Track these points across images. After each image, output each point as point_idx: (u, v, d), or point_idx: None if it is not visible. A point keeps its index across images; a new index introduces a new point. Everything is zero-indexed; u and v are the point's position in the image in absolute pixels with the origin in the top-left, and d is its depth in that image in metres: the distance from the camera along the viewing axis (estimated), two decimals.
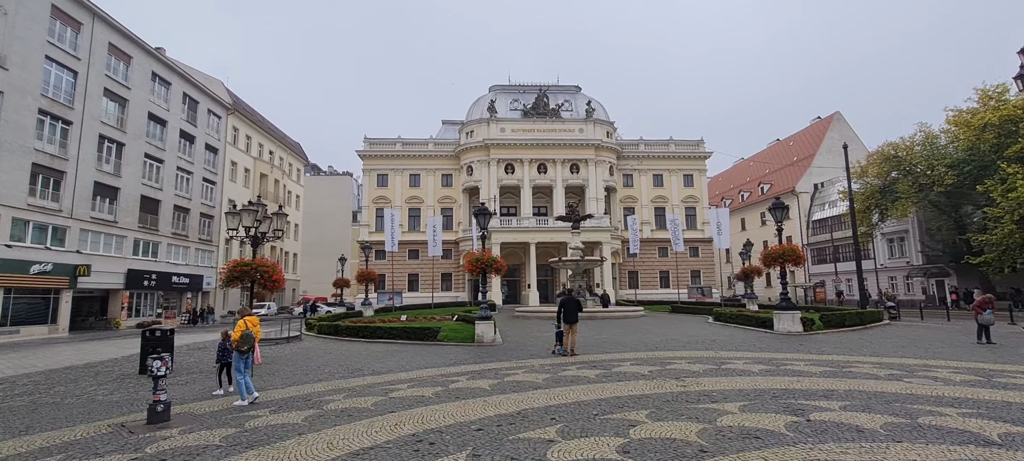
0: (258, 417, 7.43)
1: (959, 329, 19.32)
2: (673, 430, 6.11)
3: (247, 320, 8.88)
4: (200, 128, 39.59)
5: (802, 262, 19.32)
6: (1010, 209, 28.12)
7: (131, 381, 11.21)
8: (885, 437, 5.62)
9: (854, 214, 28.37)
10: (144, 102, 33.95)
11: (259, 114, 51.49)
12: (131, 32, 32.74)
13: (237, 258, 15.21)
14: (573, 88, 53.36)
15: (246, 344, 8.60)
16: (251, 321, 8.93)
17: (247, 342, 8.61)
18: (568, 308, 13.34)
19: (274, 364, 12.99)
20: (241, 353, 8.60)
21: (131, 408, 8.43)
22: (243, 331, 8.65)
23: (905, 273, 43.34)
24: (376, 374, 11.04)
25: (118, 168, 31.56)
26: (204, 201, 39.89)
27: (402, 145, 49.33)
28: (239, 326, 8.75)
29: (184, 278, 36.81)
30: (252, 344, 8.71)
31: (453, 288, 46.76)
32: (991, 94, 32.67)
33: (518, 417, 7.00)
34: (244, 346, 8.59)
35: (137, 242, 32.96)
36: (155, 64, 35.26)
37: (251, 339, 8.68)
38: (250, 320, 8.93)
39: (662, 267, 48.53)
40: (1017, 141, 29.06)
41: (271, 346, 17.09)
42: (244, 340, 8.60)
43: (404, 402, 8.14)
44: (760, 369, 10.37)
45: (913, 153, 37.09)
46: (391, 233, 36.09)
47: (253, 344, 8.75)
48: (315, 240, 62.68)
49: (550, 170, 46.63)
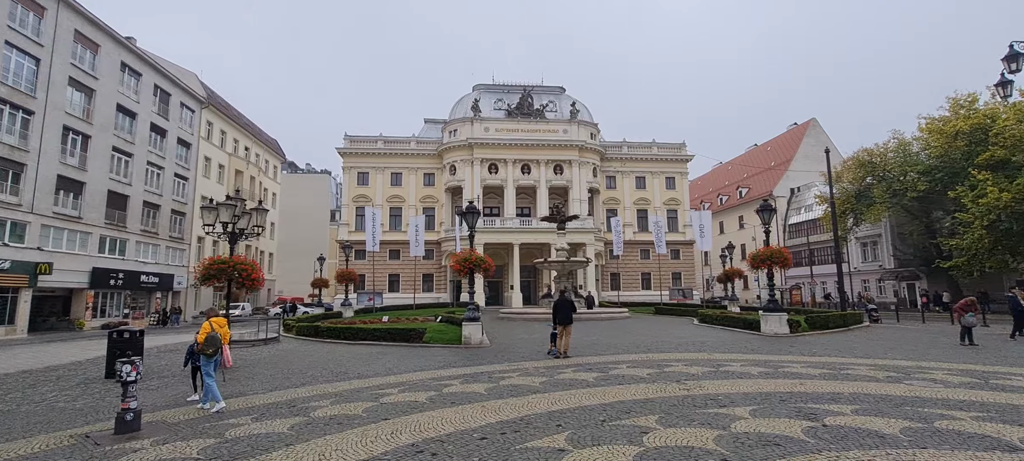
0: (239, 425, 6.86)
1: (938, 331, 19.67)
2: (689, 437, 5.81)
3: (213, 321, 8.29)
4: (172, 121, 38.12)
5: (789, 264, 19.43)
6: (980, 215, 28.94)
7: (96, 386, 10.44)
8: (908, 443, 5.42)
9: (836, 218, 28.85)
10: (112, 93, 32.48)
11: (235, 109, 49.95)
12: (99, 19, 31.30)
13: (208, 257, 14.50)
14: (557, 89, 53.28)
15: (211, 346, 8.00)
16: (217, 322, 8.34)
17: (213, 345, 8.01)
18: (562, 309, 13.06)
19: (253, 367, 12.32)
20: (207, 356, 8.01)
21: (96, 417, 7.76)
22: (208, 333, 8.05)
23: (878, 276, 44.42)
24: (363, 378, 10.52)
25: (83, 161, 30.08)
26: (176, 197, 38.42)
27: (384, 143, 48.47)
28: (204, 328, 8.15)
29: (153, 277, 35.34)
30: (219, 347, 8.12)
31: (435, 289, 46.10)
32: (962, 103, 33.67)
33: (522, 424, 6.62)
34: (210, 349, 7.99)
35: (103, 239, 31.47)
36: (125, 54, 33.80)
37: (218, 341, 8.08)
38: (216, 321, 8.34)
39: (644, 269, 48.75)
40: (987, 148, 29.94)
41: (248, 348, 16.33)
42: (209, 342, 7.99)
43: (397, 408, 7.67)
44: (759, 371, 10.21)
45: (887, 159, 38.01)
46: (372, 232, 35.31)
47: (220, 347, 8.16)
48: (291, 240, 61.19)
49: (534, 171, 46.40)
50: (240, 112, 51.20)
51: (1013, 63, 14.22)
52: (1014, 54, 14.14)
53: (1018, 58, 14.12)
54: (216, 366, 8.18)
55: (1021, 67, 14.30)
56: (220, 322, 8.44)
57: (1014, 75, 14.90)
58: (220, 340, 8.17)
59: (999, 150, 29.27)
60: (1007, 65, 14.41)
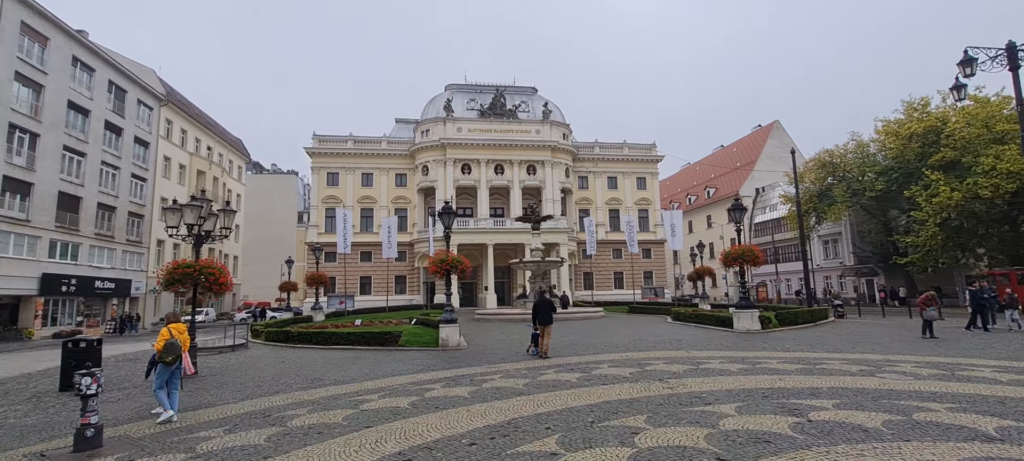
0: (211, 438, 6.49)
1: (899, 325, 20.48)
2: (679, 437, 5.78)
3: (172, 328, 7.85)
4: (128, 119, 36.37)
5: (761, 262, 19.88)
6: (933, 213, 30.41)
7: (50, 400, 9.78)
8: (892, 436, 5.53)
9: (801, 218, 29.72)
10: (63, 89, 30.75)
11: (196, 107, 48.07)
12: (48, 11, 29.59)
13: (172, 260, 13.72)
14: (530, 89, 53.33)
15: (171, 354, 7.58)
16: (177, 328, 7.91)
17: (172, 352, 7.59)
18: (542, 310, 13.00)
19: (221, 375, 11.78)
20: (166, 364, 7.58)
21: (52, 433, 7.23)
22: (167, 340, 7.63)
23: (839, 273, 46.14)
24: (339, 384, 10.18)
25: (31, 161, 28.37)
26: (133, 199, 36.66)
27: (354, 143, 47.49)
28: (162, 334, 7.72)
29: (109, 283, 33.62)
30: (179, 354, 7.70)
31: (408, 291, 45.43)
32: (916, 106, 35.31)
33: (510, 428, 6.47)
34: (169, 356, 7.57)
35: (54, 243, 29.74)
36: (76, 47, 32.05)
37: (177, 348, 7.66)
38: (176, 328, 7.90)
39: (616, 268, 49.27)
40: (939, 150, 31.48)
41: (215, 355, 15.67)
42: (169, 350, 7.57)
43: (379, 415, 7.41)
44: (738, 368, 10.35)
45: (847, 160, 39.57)
46: (343, 234, 34.54)
47: (180, 354, 7.74)
48: (257, 242, 59.37)
49: (507, 171, 46.29)
50: (202, 110, 49.32)
51: (968, 67, 14.92)
52: (968, 59, 14.84)
53: (973, 63, 14.82)
54: (177, 376, 7.75)
55: (975, 71, 15.05)
56: (180, 328, 8.00)
57: (968, 79, 15.68)
58: (180, 347, 7.74)
59: (950, 151, 30.81)
60: (962, 69, 15.12)
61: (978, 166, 28.53)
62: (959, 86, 16.10)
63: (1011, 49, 14.32)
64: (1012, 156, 26.97)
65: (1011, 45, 14.35)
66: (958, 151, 30.55)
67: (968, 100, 28.73)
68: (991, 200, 28.47)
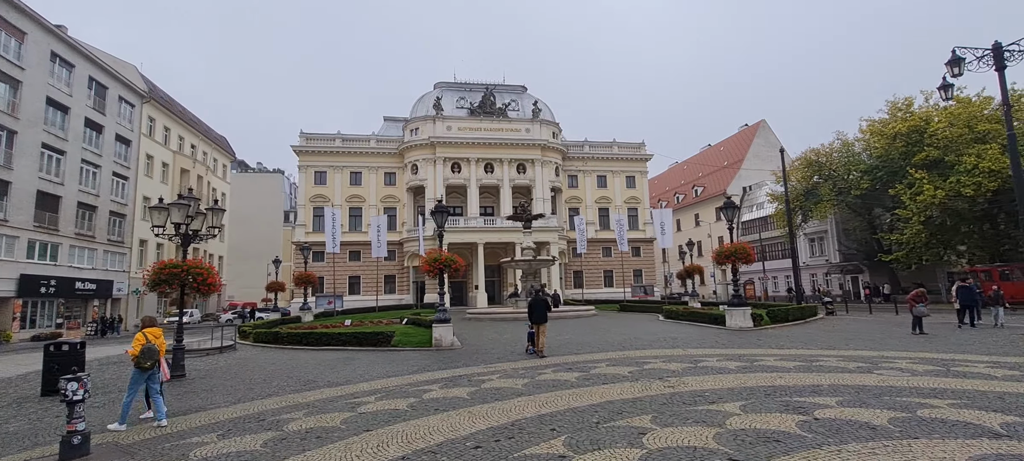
0: (205, 444, 6.27)
1: (887, 321, 20.75)
2: (688, 437, 5.70)
3: (147, 332, 7.59)
4: (110, 117, 35.53)
5: (753, 259, 20.00)
6: (917, 211, 30.92)
7: (32, 406, 9.43)
8: (900, 434, 5.50)
9: (790, 216, 30.02)
10: (42, 85, 29.93)
11: (179, 104, 47.18)
12: (25, 5, 28.77)
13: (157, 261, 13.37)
14: (519, 88, 53.19)
15: (148, 359, 7.33)
16: (152, 333, 7.64)
17: (149, 357, 7.33)
18: (537, 308, 12.92)
19: (210, 378, 11.49)
20: (143, 370, 7.34)
21: (35, 441, 6.94)
22: (143, 344, 7.37)
23: (825, 270, 46.75)
24: (334, 386, 9.96)
25: (9, 159, 27.57)
26: (114, 198, 35.84)
27: (342, 141, 46.97)
28: (137, 339, 7.46)
29: (90, 283, 32.83)
30: (156, 359, 7.46)
31: (397, 291, 45.07)
32: (900, 106, 35.87)
33: (514, 429, 6.35)
34: (147, 362, 7.31)
35: (33, 243, 28.94)
36: (55, 43, 31.20)
37: (154, 353, 7.41)
38: (151, 332, 7.64)
39: (606, 267, 49.39)
40: (923, 149, 31.99)
41: (203, 357, 15.33)
42: (146, 355, 7.30)
43: (378, 418, 7.24)
44: (736, 366, 10.34)
45: (832, 159, 40.08)
46: (332, 233, 34.13)
47: (157, 359, 7.50)
48: (243, 242, 58.51)
49: (497, 169, 46.13)
50: (185, 108, 48.41)
51: (955, 67, 15.12)
52: (956, 59, 15.03)
53: (960, 62, 15.01)
54: (154, 380, 7.50)
55: (963, 71, 15.24)
56: (156, 332, 7.73)
57: (956, 79, 15.89)
58: (157, 351, 7.49)
59: (933, 150, 31.32)
60: (950, 69, 15.32)
61: (961, 165, 29.05)
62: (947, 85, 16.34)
63: (997, 50, 14.56)
64: (994, 155, 27.51)
65: (997, 46, 14.59)
66: (941, 150, 31.07)
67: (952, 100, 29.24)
68: (973, 198, 29.01)
